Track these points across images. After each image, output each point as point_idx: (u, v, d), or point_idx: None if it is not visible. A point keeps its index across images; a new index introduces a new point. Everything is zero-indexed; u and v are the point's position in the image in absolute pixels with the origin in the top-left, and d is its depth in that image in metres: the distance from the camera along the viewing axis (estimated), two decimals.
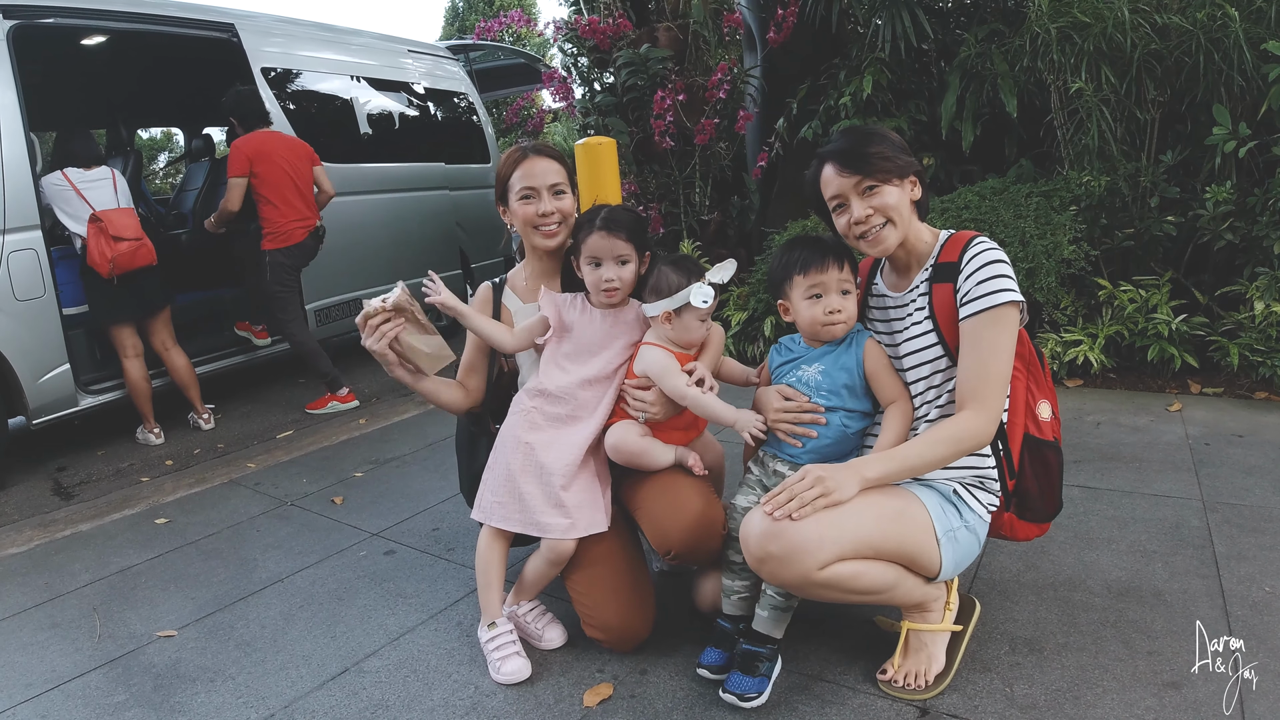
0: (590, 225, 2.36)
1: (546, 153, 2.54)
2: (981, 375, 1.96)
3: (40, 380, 4.66)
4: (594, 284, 2.38)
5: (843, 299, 2.17)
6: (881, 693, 2.12)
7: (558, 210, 2.48)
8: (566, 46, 7.01)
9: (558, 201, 2.49)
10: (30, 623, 2.91)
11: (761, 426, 2.20)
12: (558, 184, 2.49)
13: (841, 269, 2.16)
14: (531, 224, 2.49)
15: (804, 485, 1.87)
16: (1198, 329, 4.49)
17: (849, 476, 1.90)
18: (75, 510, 4.07)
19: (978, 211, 4.79)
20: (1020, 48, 4.97)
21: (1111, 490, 3.25)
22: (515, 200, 2.49)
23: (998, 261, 2.01)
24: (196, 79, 7.31)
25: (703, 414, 2.30)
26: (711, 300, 2.25)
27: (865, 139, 2.10)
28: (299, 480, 4.20)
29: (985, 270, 2.00)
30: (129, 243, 4.82)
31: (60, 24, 5.04)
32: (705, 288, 2.25)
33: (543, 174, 2.48)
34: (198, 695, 2.38)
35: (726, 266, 2.30)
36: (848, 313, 2.17)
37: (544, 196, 2.47)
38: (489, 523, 2.37)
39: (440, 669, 2.40)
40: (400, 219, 7.19)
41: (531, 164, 2.49)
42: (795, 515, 1.83)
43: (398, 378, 2.43)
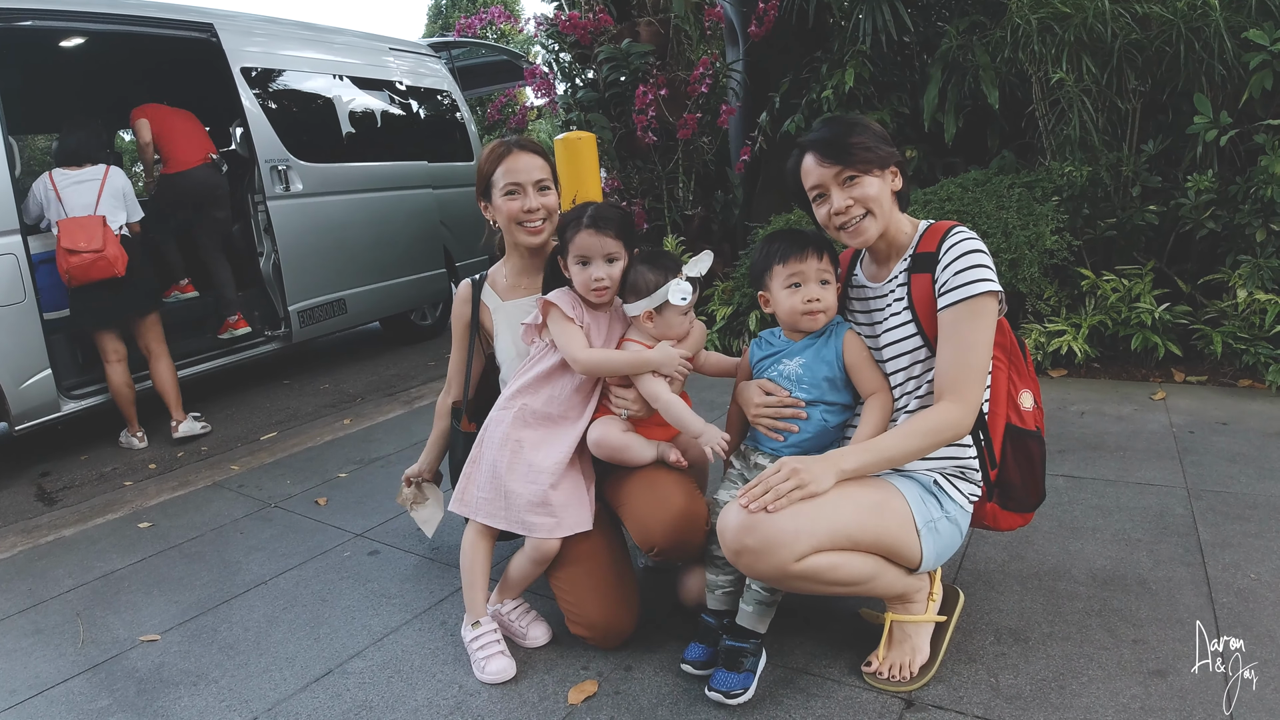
0: (578, 223, 2.32)
1: (530, 148, 2.51)
2: (960, 366, 1.95)
3: (22, 386, 4.61)
4: (584, 283, 2.33)
5: (822, 289, 2.16)
6: (867, 685, 2.12)
7: (543, 206, 2.47)
8: (548, 42, 6.99)
9: (543, 197, 2.47)
10: (13, 629, 2.89)
11: (724, 445, 2.19)
12: (542, 179, 2.48)
13: (820, 259, 2.15)
14: (516, 220, 2.47)
15: (779, 478, 1.87)
16: (1181, 318, 4.50)
17: (826, 468, 1.90)
18: (58, 515, 4.04)
19: (960, 203, 4.80)
20: (1001, 39, 4.97)
21: (1096, 479, 3.26)
22: (499, 196, 2.47)
23: (975, 251, 2.00)
24: (176, 80, 7.27)
25: (673, 421, 2.28)
26: (690, 296, 2.25)
27: (846, 129, 2.09)
28: (283, 482, 4.18)
29: (963, 260, 1.99)
30: (83, 255, 4.67)
31: (38, 26, 4.99)
32: (683, 284, 2.24)
33: (527, 169, 2.46)
34: (181, 699, 2.36)
35: (703, 259, 2.30)
36: (826, 302, 2.16)
37: (529, 192, 2.46)
38: (474, 518, 2.36)
39: (424, 669, 2.39)
40: (384, 218, 7.15)
41: (515, 159, 2.47)
42: (770, 508, 1.83)
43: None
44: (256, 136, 6.08)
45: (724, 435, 2.20)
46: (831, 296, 2.18)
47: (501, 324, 2.61)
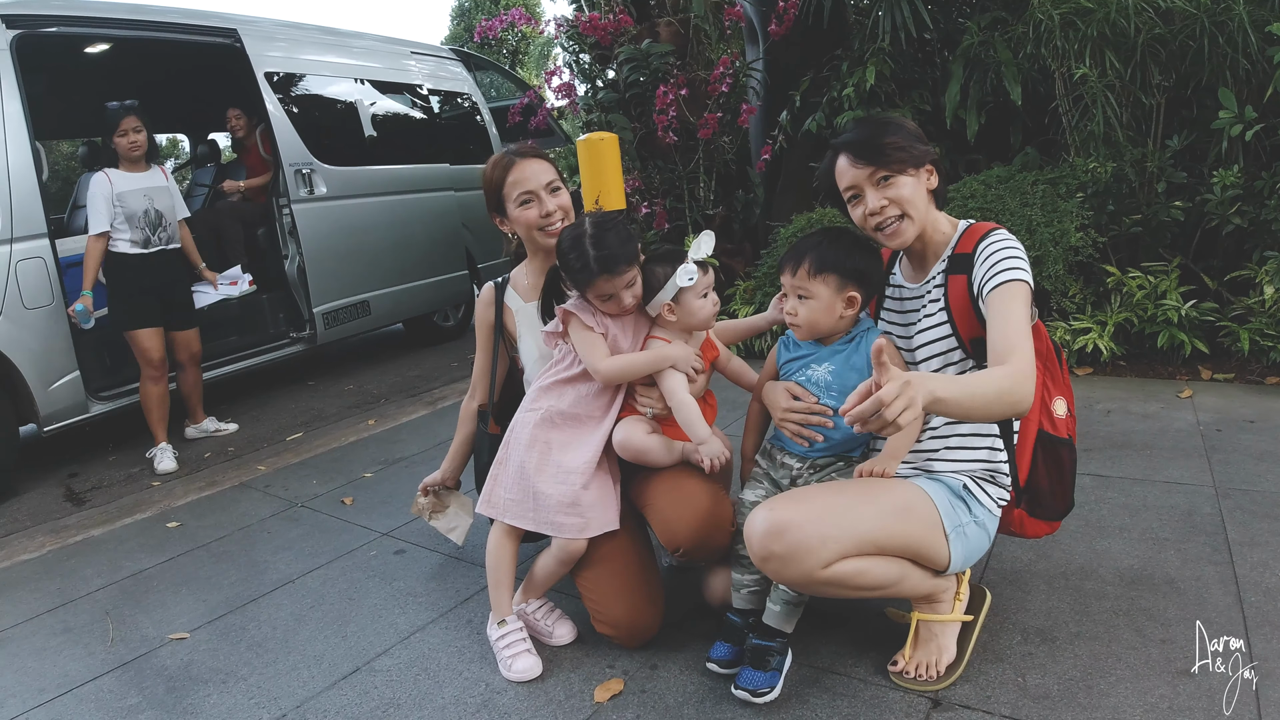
0: (588, 271, 2.24)
1: (531, 154, 2.52)
2: (1007, 338, 1.87)
3: (51, 388, 4.67)
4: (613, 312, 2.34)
5: (798, 302, 2.18)
6: (893, 684, 2.11)
7: (559, 208, 2.48)
8: (569, 44, 7.00)
9: (557, 199, 2.48)
10: (43, 628, 2.93)
11: (721, 461, 2.21)
12: (551, 181, 2.49)
13: (795, 274, 2.16)
14: (536, 226, 2.49)
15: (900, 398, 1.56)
16: (1207, 315, 4.46)
17: (920, 387, 1.61)
18: (87, 515, 4.09)
19: (984, 200, 4.77)
20: (1023, 35, 4.94)
21: (1123, 478, 3.23)
22: (514, 207, 2.48)
23: (1011, 248, 1.98)
24: (200, 85, 7.34)
25: (681, 421, 2.28)
26: (697, 275, 2.25)
27: (879, 129, 2.08)
28: (309, 482, 4.21)
29: (997, 255, 1.97)
30: None
31: (63, 32, 5.06)
32: (689, 265, 2.24)
33: (536, 176, 2.47)
34: (210, 697, 2.39)
35: (704, 240, 2.28)
36: (800, 316, 2.18)
37: (543, 197, 2.46)
38: (502, 519, 2.37)
39: (451, 667, 2.40)
40: (406, 221, 7.18)
41: (522, 169, 2.47)
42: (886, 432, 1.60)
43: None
44: (280, 140, 6.13)
45: (725, 452, 2.23)
46: (807, 310, 2.17)
47: (525, 326, 2.62)
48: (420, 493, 2.98)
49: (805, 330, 2.20)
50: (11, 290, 4.49)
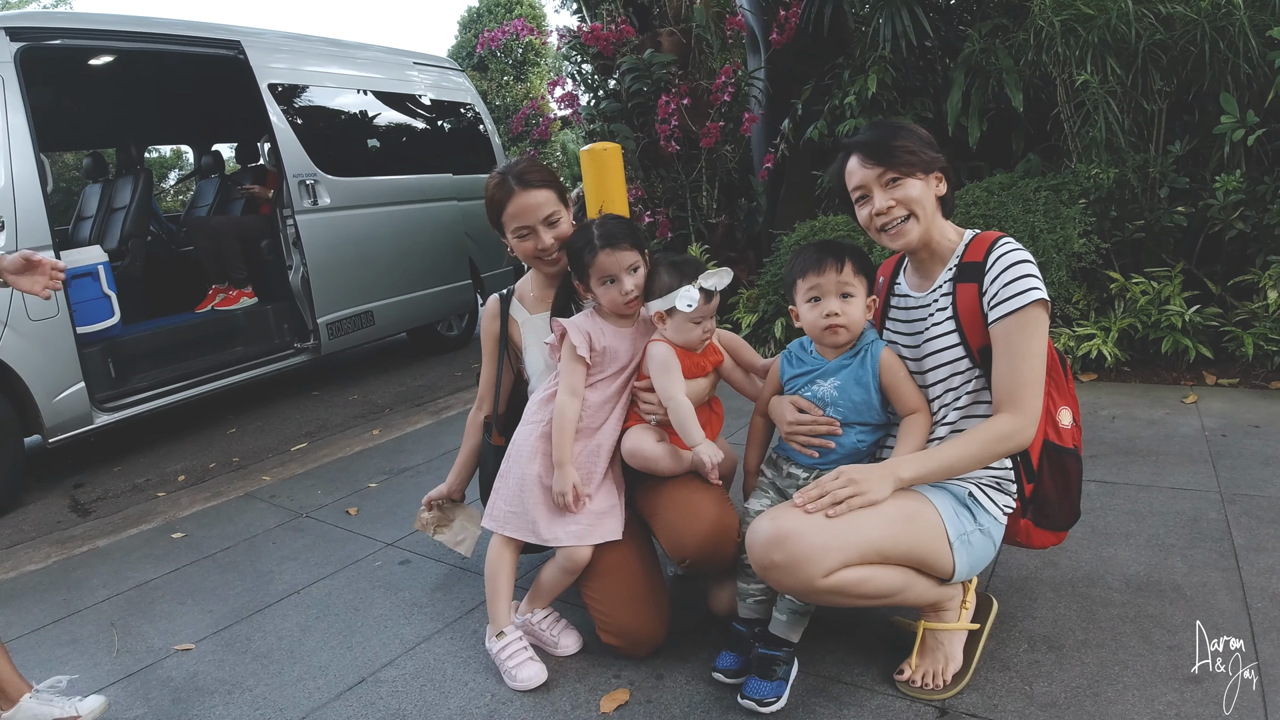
0: (591, 247, 2.31)
1: (534, 182, 2.48)
2: (1016, 377, 1.93)
3: (55, 399, 4.69)
4: (614, 301, 2.35)
5: (842, 302, 2.11)
6: (899, 693, 2.11)
7: (556, 240, 2.48)
8: (572, 54, 7.02)
9: (554, 231, 2.49)
10: (49, 639, 2.93)
11: (718, 461, 2.21)
12: (551, 214, 2.48)
13: (840, 271, 2.10)
14: (532, 257, 2.51)
15: (838, 484, 1.87)
16: (1211, 320, 4.46)
17: (884, 476, 1.90)
18: (92, 526, 4.09)
19: (986, 207, 4.77)
20: (1024, 42, 4.95)
21: (1128, 484, 3.23)
22: (512, 238, 2.51)
23: (1024, 262, 1.98)
24: (204, 96, 7.38)
25: (676, 425, 2.26)
26: (697, 304, 2.23)
27: (891, 132, 2.09)
28: (314, 492, 4.21)
29: (1012, 271, 1.97)
30: None
31: (67, 45, 5.08)
32: (691, 291, 2.23)
33: (534, 210, 2.46)
34: (216, 708, 2.39)
35: (722, 275, 2.28)
36: (848, 317, 2.11)
37: (539, 232, 2.47)
38: (501, 532, 2.38)
39: (456, 677, 2.40)
40: (410, 231, 7.21)
41: (520, 201, 2.46)
42: (830, 513, 1.83)
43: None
44: (284, 151, 6.16)
45: (719, 456, 2.22)
46: (855, 310, 2.12)
47: (530, 337, 2.62)
48: (424, 507, 2.97)
49: (850, 331, 2.14)
50: (16, 302, 4.49)
